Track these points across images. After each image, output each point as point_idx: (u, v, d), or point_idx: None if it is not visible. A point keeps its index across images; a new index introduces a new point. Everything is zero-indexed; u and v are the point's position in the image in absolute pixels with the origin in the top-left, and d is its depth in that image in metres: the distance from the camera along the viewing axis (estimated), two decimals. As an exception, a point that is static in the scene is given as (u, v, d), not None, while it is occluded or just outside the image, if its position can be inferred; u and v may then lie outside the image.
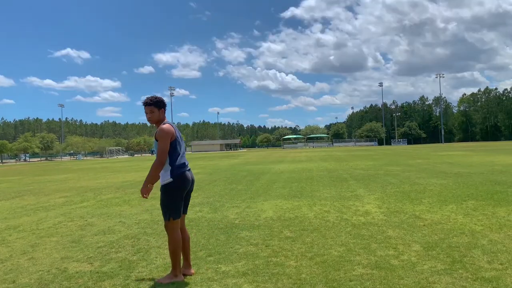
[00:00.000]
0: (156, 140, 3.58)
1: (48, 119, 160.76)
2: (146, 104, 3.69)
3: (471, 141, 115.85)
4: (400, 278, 3.33)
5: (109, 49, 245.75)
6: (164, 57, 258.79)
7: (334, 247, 4.35)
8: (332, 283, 3.30)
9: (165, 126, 3.61)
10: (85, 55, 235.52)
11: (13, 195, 11.36)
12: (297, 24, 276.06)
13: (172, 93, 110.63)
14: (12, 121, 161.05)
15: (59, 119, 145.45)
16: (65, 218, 7.00)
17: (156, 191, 3.88)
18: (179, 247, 3.59)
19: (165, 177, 3.62)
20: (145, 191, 3.60)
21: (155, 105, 3.69)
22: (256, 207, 7.24)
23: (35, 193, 11.80)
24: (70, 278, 3.68)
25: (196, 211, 7.11)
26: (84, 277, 3.70)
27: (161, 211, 3.82)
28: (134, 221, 6.38)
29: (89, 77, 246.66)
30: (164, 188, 3.63)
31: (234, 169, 19.03)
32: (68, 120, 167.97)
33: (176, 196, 3.63)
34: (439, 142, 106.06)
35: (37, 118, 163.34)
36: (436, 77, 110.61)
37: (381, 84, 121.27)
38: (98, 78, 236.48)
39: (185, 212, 3.84)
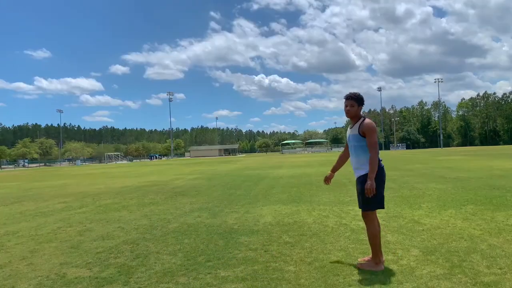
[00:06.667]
0: (361, 135, 3.76)
1: (47, 125, 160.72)
2: (349, 98, 3.88)
3: (470, 145, 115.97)
4: (399, 283, 3.33)
5: (86, 52, 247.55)
6: (141, 58, 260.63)
7: (333, 252, 4.35)
8: (331, 288, 3.30)
9: (372, 122, 3.81)
10: (58, 55, 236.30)
11: (12, 201, 11.33)
12: (283, 24, 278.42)
13: (171, 99, 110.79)
14: (11, 127, 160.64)
15: (58, 124, 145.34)
16: (64, 223, 6.99)
17: (154, 196, 3.87)
18: (378, 236, 3.78)
19: (366, 169, 3.75)
20: (374, 187, 3.67)
21: (356, 101, 3.86)
22: (255, 212, 7.23)
23: (34, 198, 11.77)
24: (69, 284, 3.67)
25: (195, 216, 7.11)
26: (83, 282, 3.69)
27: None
28: (133, 227, 6.38)
29: (70, 79, 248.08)
30: (365, 180, 3.73)
31: (233, 174, 19.02)
32: (66, 125, 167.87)
33: (379, 187, 3.75)
34: (437, 147, 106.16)
35: (35, 123, 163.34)
36: (435, 82, 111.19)
37: (379, 89, 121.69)
38: (81, 80, 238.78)
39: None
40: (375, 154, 3.70)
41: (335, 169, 4.29)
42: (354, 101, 3.86)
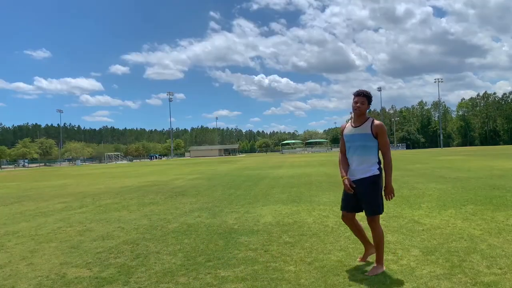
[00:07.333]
0: (374, 136, 3.70)
1: (47, 125, 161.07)
2: (360, 94, 3.76)
3: (470, 145, 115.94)
4: (400, 283, 3.33)
5: (86, 52, 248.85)
6: (141, 58, 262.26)
7: (333, 252, 4.35)
8: (331, 288, 3.30)
9: (382, 123, 3.76)
10: (58, 55, 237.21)
11: (12, 201, 11.33)
12: (282, 24, 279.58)
13: (171, 99, 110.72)
14: (11, 127, 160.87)
15: (58, 124, 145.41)
16: (64, 223, 6.99)
17: (154, 196, 3.87)
18: (383, 238, 3.73)
19: (373, 170, 3.70)
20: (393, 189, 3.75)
21: (367, 98, 3.76)
22: (255, 212, 7.23)
23: (34, 198, 11.77)
24: (69, 284, 3.67)
25: (195, 216, 7.11)
26: (83, 282, 3.69)
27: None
28: (133, 227, 6.38)
29: (69, 79, 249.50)
30: (373, 181, 3.69)
31: (233, 174, 19.01)
32: (66, 125, 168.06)
33: (381, 190, 3.73)
34: (437, 147, 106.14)
35: (35, 123, 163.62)
36: (435, 82, 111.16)
37: (379, 89, 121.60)
38: (81, 80, 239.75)
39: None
40: (391, 156, 3.76)
41: (347, 173, 3.92)
42: (366, 98, 3.72)
